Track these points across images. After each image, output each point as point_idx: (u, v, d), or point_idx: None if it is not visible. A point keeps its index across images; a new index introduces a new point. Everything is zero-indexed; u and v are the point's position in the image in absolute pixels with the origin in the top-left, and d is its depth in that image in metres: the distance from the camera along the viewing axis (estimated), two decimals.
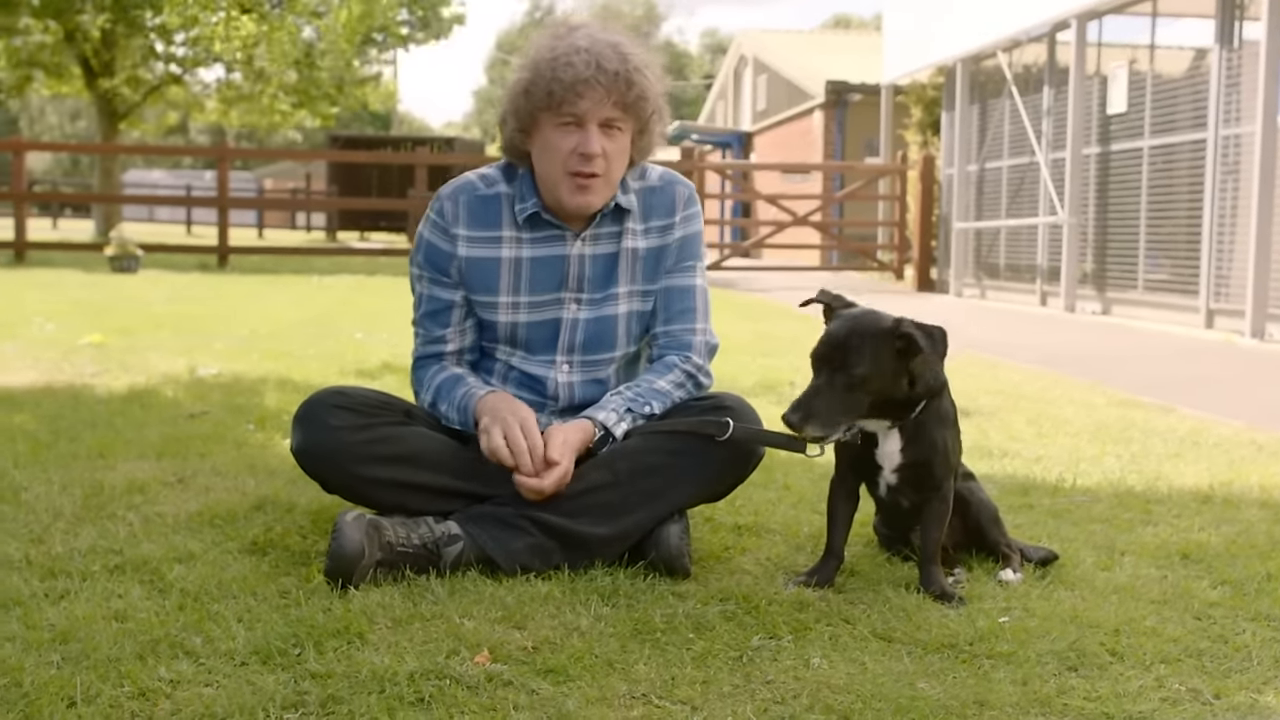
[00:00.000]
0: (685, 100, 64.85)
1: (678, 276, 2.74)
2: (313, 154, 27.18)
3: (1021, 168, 13.27)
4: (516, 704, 1.83)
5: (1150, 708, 1.88)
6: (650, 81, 2.55)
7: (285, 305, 9.62)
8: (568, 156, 2.52)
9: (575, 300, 2.66)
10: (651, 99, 2.57)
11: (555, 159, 2.54)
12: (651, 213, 2.70)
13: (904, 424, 2.40)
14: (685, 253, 2.74)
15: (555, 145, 2.53)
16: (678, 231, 2.73)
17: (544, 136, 2.55)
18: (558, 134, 2.52)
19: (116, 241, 13.88)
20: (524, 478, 2.44)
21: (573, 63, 2.47)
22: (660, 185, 2.73)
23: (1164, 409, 5.11)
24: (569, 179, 2.54)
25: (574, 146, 2.51)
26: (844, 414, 2.30)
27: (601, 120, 2.52)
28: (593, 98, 2.48)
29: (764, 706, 1.87)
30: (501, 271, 2.64)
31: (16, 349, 5.91)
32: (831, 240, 17.61)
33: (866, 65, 20.69)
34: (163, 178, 44.67)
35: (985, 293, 14.11)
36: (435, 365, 2.71)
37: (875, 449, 2.44)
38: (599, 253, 2.67)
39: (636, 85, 2.52)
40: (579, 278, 2.66)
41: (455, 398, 2.63)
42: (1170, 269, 10.56)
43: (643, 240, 2.69)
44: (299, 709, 1.79)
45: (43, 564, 2.43)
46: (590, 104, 2.49)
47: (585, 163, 2.52)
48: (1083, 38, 11.76)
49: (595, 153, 2.51)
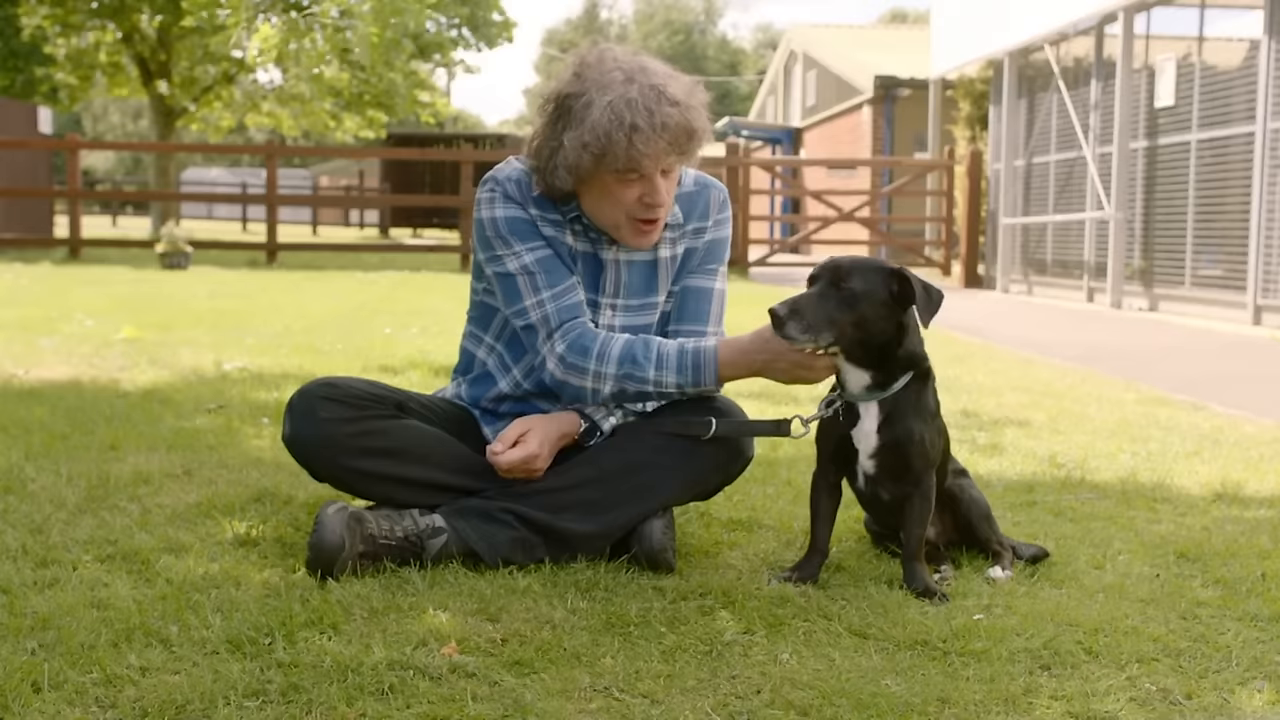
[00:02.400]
0: (739, 96, 64.68)
1: (699, 278, 2.72)
2: (363, 151, 27.36)
3: (1069, 162, 13.10)
4: (476, 695, 1.84)
5: (1116, 707, 1.85)
6: (701, 118, 2.51)
7: (324, 301, 9.72)
8: (632, 205, 2.50)
9: (611, 306, 2.66)
10: (701, 133, 2.53)
11: (617, 207, 2.52)
12: (689, 217, 2.70)
13: (882, 400, 2.39)
14: (711, 255, 2.73)
15: (617, 196, 2.50)
16: (709, 235, 2.72)
17: (603, 185, 2.50)
18: (620, 185, 2.49)
19: (167, 238, 14.09)
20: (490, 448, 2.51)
21: (639, 127, 2.40)
22: (696, 190, 2.72)
23: (1194, 406, 5.03)
24: (632, 224, 2.53)
25: (638, 196, 2.49)
26: (828, 325, 2.31)
27: (662, 169, 2.50)
28: (657, 156, 2.45)
29: (724, 701, 1.87)
30: (565, 254, 2.60)
31: (54, 344, 6.03)
32: (879, 236, 17.49)
33: (915, 60, 20.51)
34: (221, 175, 45.31)
35: (1032, 289, 13.96)
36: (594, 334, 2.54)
37: (853, 429, 2.42)
38: (634, 259, 2.65)
39: (695, 132, 2.49)
40: (615, 283, 2.65)
41: (668, 358, 2.51)
42: (1218, 265, 10.38)
43: (679, 246, 2.69)
44: (260, 697, 1.82)
45: (37, 553, 2.48)
46: (654, 161, 2.46)
47: (651, 211, 2.52)
48: (1130, 30, 11.59)
49: (662, 202, 2.51)
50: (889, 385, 2.39)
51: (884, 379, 2.39)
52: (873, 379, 2.39)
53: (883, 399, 2.40)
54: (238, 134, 36.16)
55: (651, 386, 2.51)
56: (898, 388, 2.39)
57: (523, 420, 2.56)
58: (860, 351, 2.37)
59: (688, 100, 2.48)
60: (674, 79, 2.51)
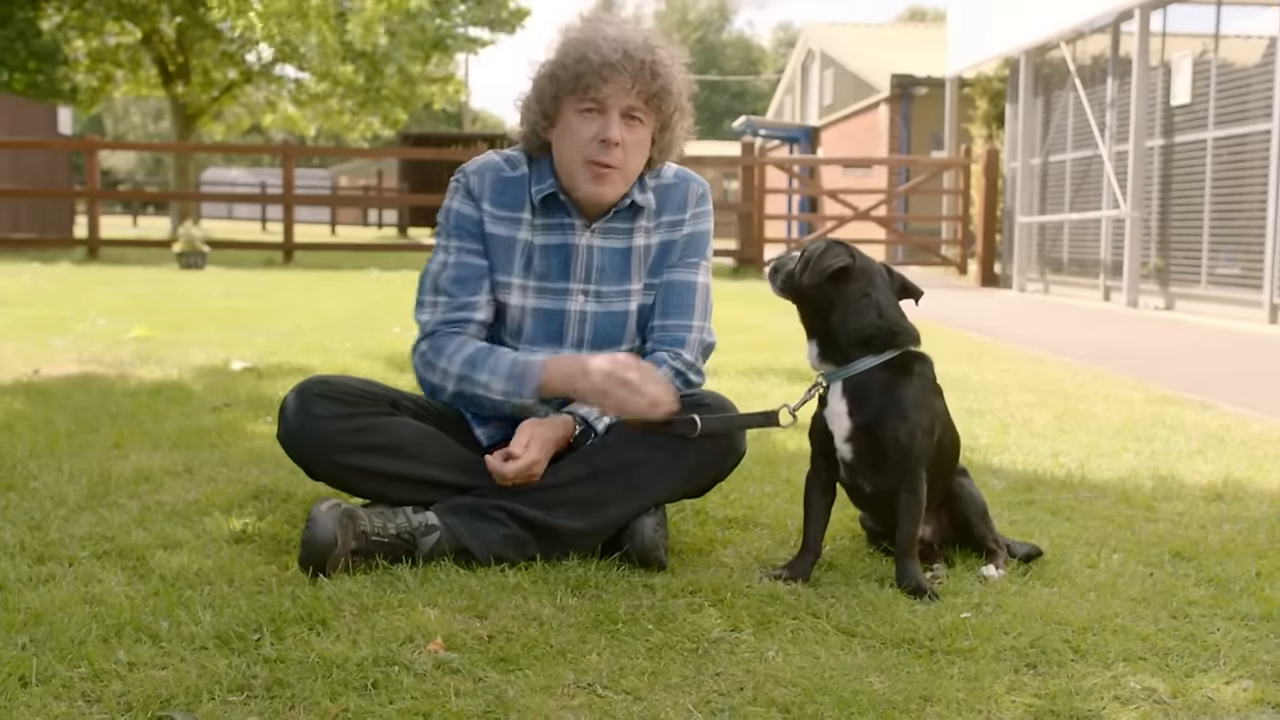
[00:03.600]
0: (757, 95, 64.59)
1: (680, 272, 2.74)
2: (381, 151, 27.52)
3: (1085, 160, 13.04)
4: (459, 690, 1.85)
5: (1099, 706, 1.85)
6: (675, 77, 2.57)
7: (338, 301, 9.76)
8: (588, 143, 2.54)
9: (583, 292, 2.67)
10: (675, 94, 2.58)
11: (575, 144, 2.55)
12: (664, 209, 2.71)
13: (845, 380, 2.43)
14: (691, 249, 2.74)
15: (576, 130, 2.55)
16: (687, 228, 2.73)
17: (566, 121, 2.57)
18: (580, 119, 2.54)
19: (184, 238, 14.18)
20: (491, 460, 2.48)
21: (600, 47, 2.50)
22: (675, 183, 2.74)
23: (1203, 405, 5.01)
24: (587, 166, 2.56)
25: (595, 133, 2.53)
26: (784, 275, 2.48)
27: (624, 109, 2.53)
28: (617, 84, 2.51)
29: (707, 698, 1.87)
30: (517, 253, 2.65)
31: (65, 343, 6.07)
32: (895, 235, 17.45)
33: (932, 58, 20.44)
34: (241, 175, 45.52)
35: (1049, 288, 13.90)
36: (458, 337, 2.63)
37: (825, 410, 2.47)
38: (608, 246, 2.67)
39: (661, 77, 2.54)
40: (587, 268, 2.66)
41: (500, 365, 2.57)
42: (1234, 263, 10.31)
43: (654, 236, 2.70)
44: (244, 692, 1.83)
45: (35, 549, 2.50)
46: (614, 90, 2.51)
47: (605, 151, 2.53)
48: (1146, 27, 11.53)
49: (615, 140, 2.52)
50: (842, 362, 2.44)
51: (831, 352, 2.44)
52: (820, 349, 2.46)
53: (846, 379, 2.43)
54: (256, 134, 36.35)
55: (481, 390, 2.58)
56: (859, 369, 2.42)
57: (526, 427, 2.55)
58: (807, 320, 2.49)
59: (663, 51, 2.55)
60: (656, 34, 2.59)
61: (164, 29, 24.34)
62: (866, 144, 23.94)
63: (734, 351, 6.23)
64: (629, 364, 2.46)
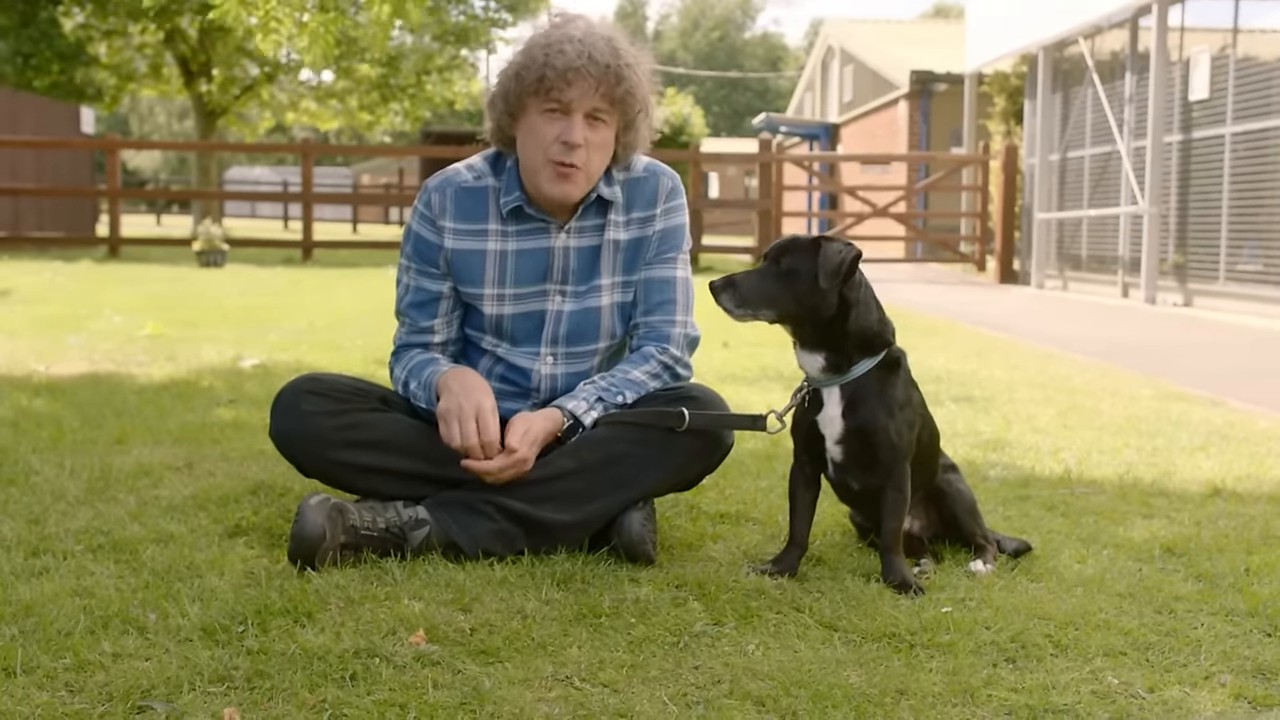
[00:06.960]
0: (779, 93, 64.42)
1: (658, 267, 2.75)
2: (401, 150, 27.61)
3: (1103, 156, 12.97)
4: (437, 682, 1.87)
5: (1074, 700, 1.85)
6: (639, 79, 2.59)
7: (353, 298, 9.81)
8: (550, 144, 2.55)
9: (560, 292, 2.69)
10: (639, 96, 2.60)
11: (538, 145, 2.57)
12: (634, 204, 2.72)
13: (844, 385, 2.40)
14: (666, 244, 2.75)
15: (540, 131, 2.56)
16: (659, 223, 2.74)
17: (530, 122, 2.58)
18: (543, 120, 2.56)
19: (203, 236, 14.27)
20: (472, 461, 2.48)
21: (565, 51, 2.51)
22: (644, 176, 2.75)
23: (1212, 402, 4.98)
24: (550, 166, 2.57)
25: (558, 134, 2.54)
26: (763, 301, 2.36)
27: (587, 111, 2.55)
28: (581, 87, 2.52)
29: (683, 691, 1.88)
30: (487, 265, 2.67)
31: (79, 341, 6.13)
32: (914, 231, 17.39)
33: (952, 55, 20.36)
34: (264, 174, 45.80)
35: (1067, 284, 13.83)
36: (413, 349, 2.76)
37: (818, 415, 2.44)
38: (583, 245, 2.69)
39: (625, 80, 2.55)
40: (563, 269, 2.68)
41: (424, 376, 2.67)
42: (1253, 259, 10.24)
43: (624, 232, 2.71)
44: (225, 683, 1.85)
45: (31, 543, 2.53)
46: (578, 93, 2.52)
47: (567, 152, 2.55)
48: (1164, 23, 11.46)
49: (578, 142, 2.53)
50: (846, 369, 2.40)
51: (839, 361, 2.40)
52: (827, 360, 2.40)
53: (844, 384, 2.40)
54: (279, 133, 36.55)
55: (413, 399, 2.68)
56: (859, 373, 2.40)
57: (521, 419, 2.57)
58: (808, 331, 2.40)
59: (627, 54, 2.57)
60: (623, 37, 2.61)
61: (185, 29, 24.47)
62: (886, 140, 23.87)
63: (743, 348, 6.23)
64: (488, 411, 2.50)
